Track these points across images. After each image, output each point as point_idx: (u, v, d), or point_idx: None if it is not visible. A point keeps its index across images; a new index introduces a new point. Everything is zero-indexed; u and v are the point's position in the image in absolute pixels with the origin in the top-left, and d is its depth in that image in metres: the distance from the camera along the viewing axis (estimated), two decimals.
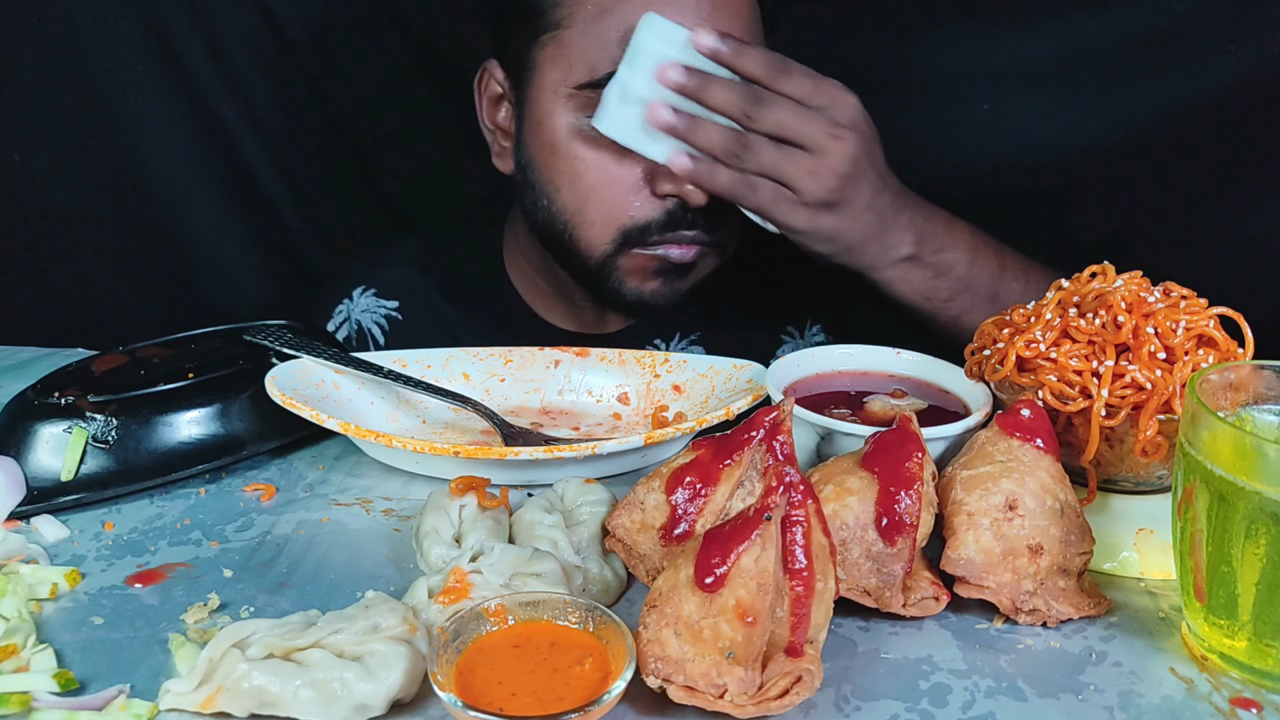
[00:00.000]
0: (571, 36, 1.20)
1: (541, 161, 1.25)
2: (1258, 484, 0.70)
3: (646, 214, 1.21)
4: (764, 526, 0.69)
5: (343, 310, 1.43)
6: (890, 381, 1.02)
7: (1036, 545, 0.80)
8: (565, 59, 1.21)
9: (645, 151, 1.15)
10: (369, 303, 1.43)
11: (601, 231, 1.23)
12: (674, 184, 1.18)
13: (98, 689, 0.74)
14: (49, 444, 0.98)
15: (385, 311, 1.43)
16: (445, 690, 0.67)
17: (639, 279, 1.25)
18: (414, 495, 1.00)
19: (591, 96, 1.18)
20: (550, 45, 1.22)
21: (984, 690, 0.74)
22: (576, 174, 1.22)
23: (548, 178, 1.25)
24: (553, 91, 1.22)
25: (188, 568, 0.89)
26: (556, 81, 1.22)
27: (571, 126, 1.22)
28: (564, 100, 1.22)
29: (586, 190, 1.22)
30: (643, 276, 1.25)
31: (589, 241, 1.24)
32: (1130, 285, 0.88)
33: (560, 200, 1.24)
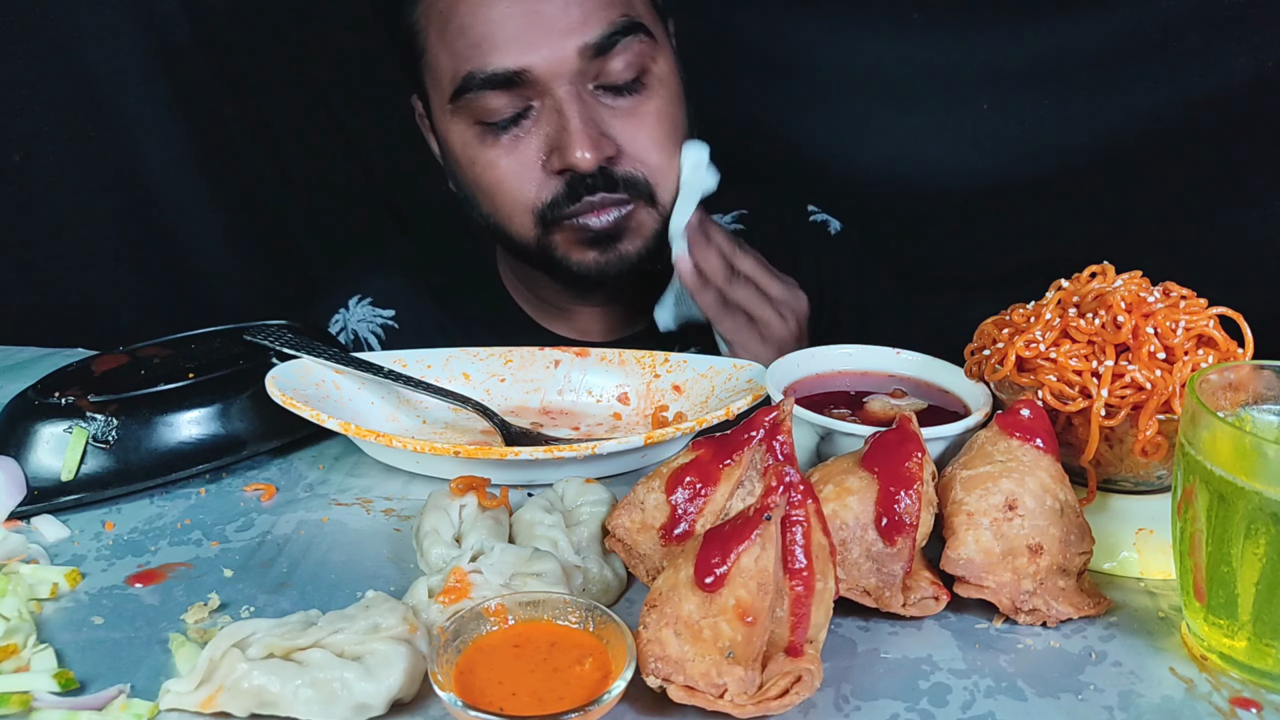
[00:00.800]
0: (432, 57, 1.25)
1: (457, 176, 1.31)
2: (1257, 484, 0.70)
3: (550, 192, 1.24)
4: (764, 526, 0.69)
5: (339, 319, 1.44)
6: (890, 381, 1.02)
7: (1036, 545, 0.80)
8: (435, 78, 1.26)
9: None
10: (365, 312, 1.43)
11: (521, 220, 1.26)
12: (560, 159, 1.21)
13: (98, 689, 0.74)
14: (49, 444, 0.98)
15: (382, 320, 1.43)
16: (445, 690, 0.67)
17: (578, 252, 1.28)
18: (414, 495, 1.00)
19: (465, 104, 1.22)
20: (425, 72, 1.27)
21: (984, 690, 0.74)
22: (478, 177, 1.27)
23: (466, 187, 1.30)
24: (440, 111, 1.27)
25: (188, 567, 0.89)
26: (439, 101, 1.26)
27: (463, 137, 1.26)
28: (450, 116, 1.25)
29: (491, 189, 1.26)
30: (580, 250, 1.28)
31: (516, 232, 1.28)
32: (1130, 285, 0.88)
33: (481, 204, 1.29)
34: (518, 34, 1.17)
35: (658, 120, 1.25)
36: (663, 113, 1.26)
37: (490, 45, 1.18)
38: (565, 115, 1.19)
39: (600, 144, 1.20)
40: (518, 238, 1.28)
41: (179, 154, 1.68)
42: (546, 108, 1.21)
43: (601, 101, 1.23)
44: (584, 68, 1.20)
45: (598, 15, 1.19)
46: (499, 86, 1.19)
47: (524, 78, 1.19)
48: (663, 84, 1.27)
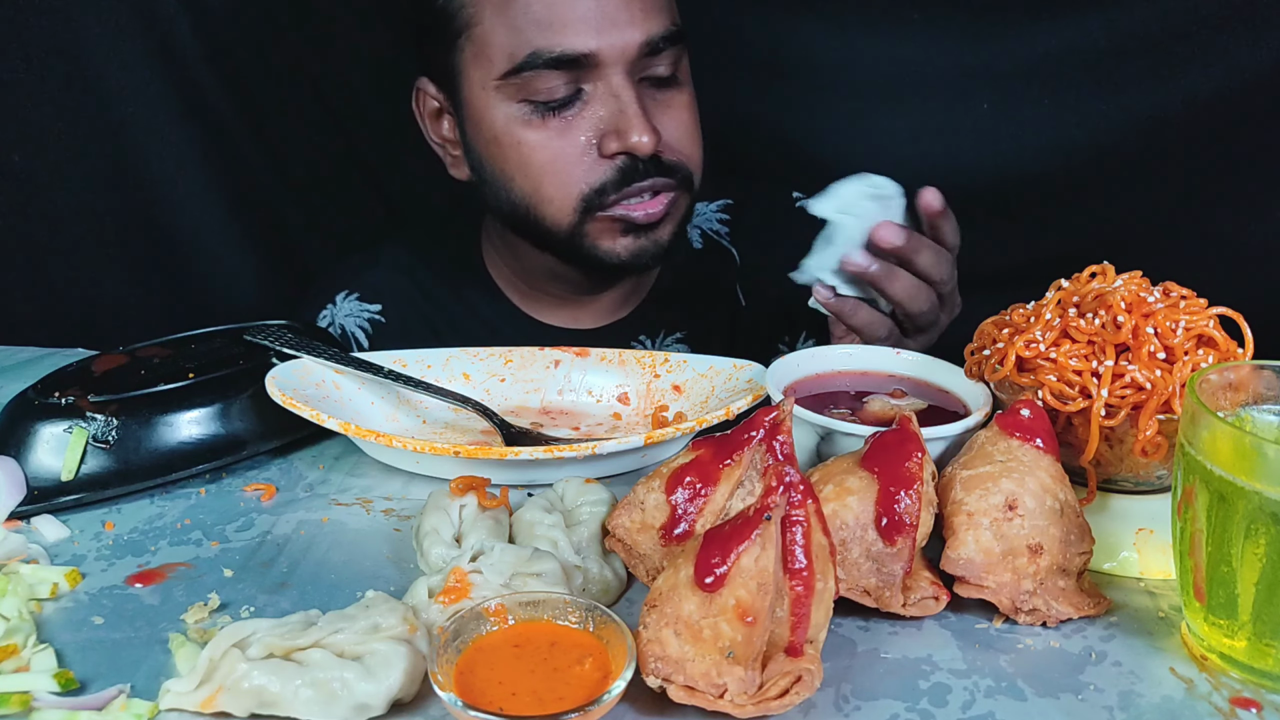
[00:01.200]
0: (484, 33, 1.23)
1: (490, 156, 1.29)
2: (1257, 484, 0.70)
3: (600, 176, 1.24)
4: (764, 526, 0.69)
5: (326, 315, 1.44)
6: (890, 381, 1.02)
7: (1036, 545, 0.80)
8: (484, 55, 1.24)
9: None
10: (352, 307, 1.43)
11: (562, 204, 1.26)
12: (619, 141, 1.22)
13: (98, 689, 0.74)
14: (49, 444, 0.98)
15: (369, 315, 1.43)
16: (445, 690, 0.67)
17: (609, 240, 1.28)
18: (414, 495, 1.00)
19: (518, 82, 1.22)
20: (468, 47, 1.26)
21: (984, 690, 0.74)
22: (524, 158, 1.26)
23: (499, 169, 1.29)
24: (481, 88, 1.26)
25: (188, 567, 0.89)
26: (483, 78, 1.25)
27: (508, 116, 1.25)
28: (494, 94, 1.25)
29: (538, 171, 1.26)
30: (613, 238, 1.28)
31: (553, 218, 1.27)
32: (1130, 285, 0.88)
33: (516, 187, 1.28)
34: (586, 18, 1.19)
35: (690, 114, 1.30)
36: (691, 108, 1.30)
37: (560, 25, 1.19)
38: (623, 100, 1.22)
39: (654, 130, 1.23)
40: (551, 222, 1.28)
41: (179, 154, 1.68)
42: (599, 93, 1.23)
43: (646, 92, 1.25)
44: (638, 61, 1.23)
45: (656, 15, 1.23)
46: (561, 67, 1.20)
47: (588, 61, 1.20)
48: (688, 83, 1.31)
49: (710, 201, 1.52)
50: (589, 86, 1.23)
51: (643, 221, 1.27)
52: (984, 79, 1.55)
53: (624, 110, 1.22)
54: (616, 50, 1.20)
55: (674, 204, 1.29)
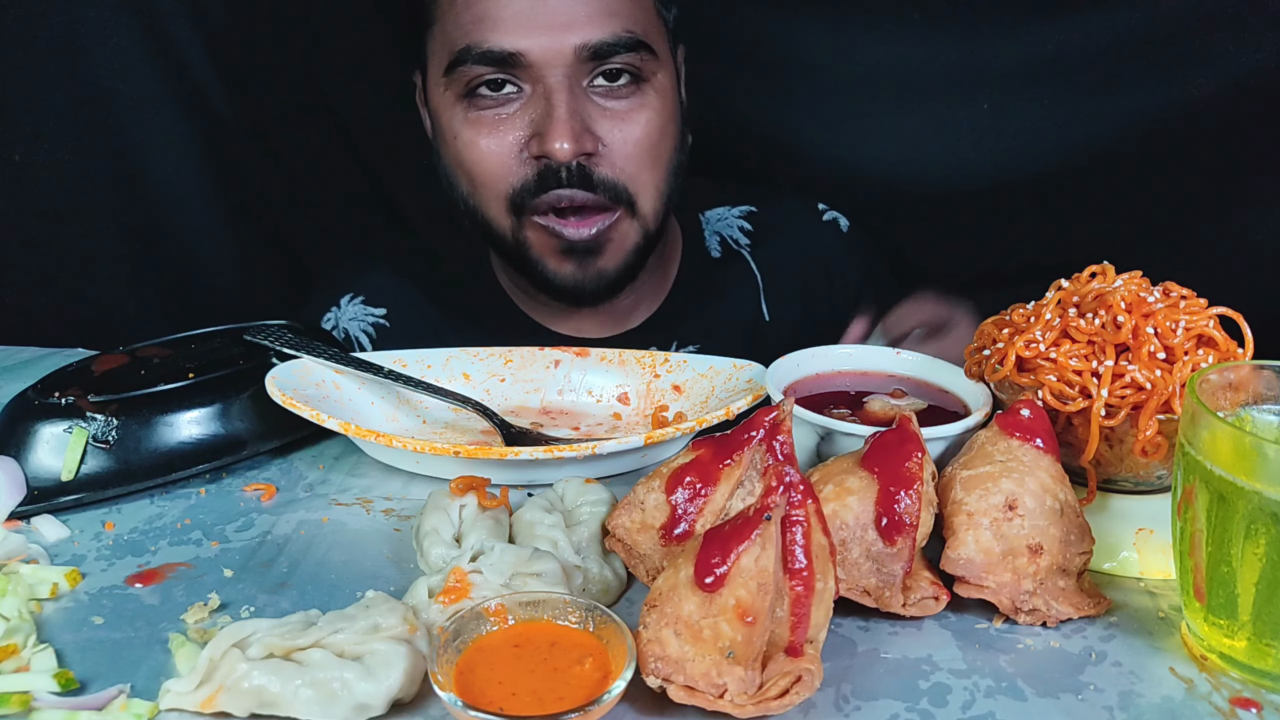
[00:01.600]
0: (440, 29, 1.25)
1: (443, 153, 1.30)
2: (1257, 484, 0.70)
3: (520, 177, 1.24)
4: (764, 526, 0.69)
5: (330, 318, 1.44)
6: (890, 381, 1.02)
7: (1036, 545, 0.80)
8: (438, 50, 1.26)
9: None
10: (356, 310, 1.43)
11: (495, 205, 1.26)
12: (539, 145, 1.21)
13: (98, 689, 0.74)
14: (49, 444, 0.98)
15: (373, 319, 1.43)
16: (445, 690, 0.67)
17: (554, 261, 1.28)
18: (414, 495, 1.00)
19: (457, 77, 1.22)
20: (430, 41, 1.27)
21: (984, 690, 0.74)
22: (459, 154, 1.27)
23: (447, 166, 1.30)
24: (435, 84, 1.27)
25: (188, 567, 0.89)
26: (435, 73, 1.26)
27: (455, 114, 1.26)
28: (442, 88, 1.26)
29: (471, 167, 1.26)
30: (556, 258, 1.28)
31: (492, 218, 1.28)
32: (1130, 285, 0.88)
33: (461, 185, 1.29)
34: (519, 17, 1.19)
35: (645, 130, 1.25)
36: (652, 124, 1.26)
37: (491, 23, 1.19)
38: (552, 103, 1.20)
39: (581, 137, 1.21)
40: (495, 224, 1.28)
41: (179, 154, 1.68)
42: (536, 94, 1.22)
43: (593, 99, 1.23)
44: (579, 65, 1.21)
45: (602, 21, 1.20)
46: (490, 63, 1.20)
47: (518, 59, 1.20)
48: (660, 97, 1.27)
49: (733, 206, 1.51)
50: (528, 87, 1.22)
51: (573, 240, 1.25)
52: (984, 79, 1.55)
53: (550, 113, 1.20)
54: (550, 52, 1.19)
55: (614, 229, 1.26)
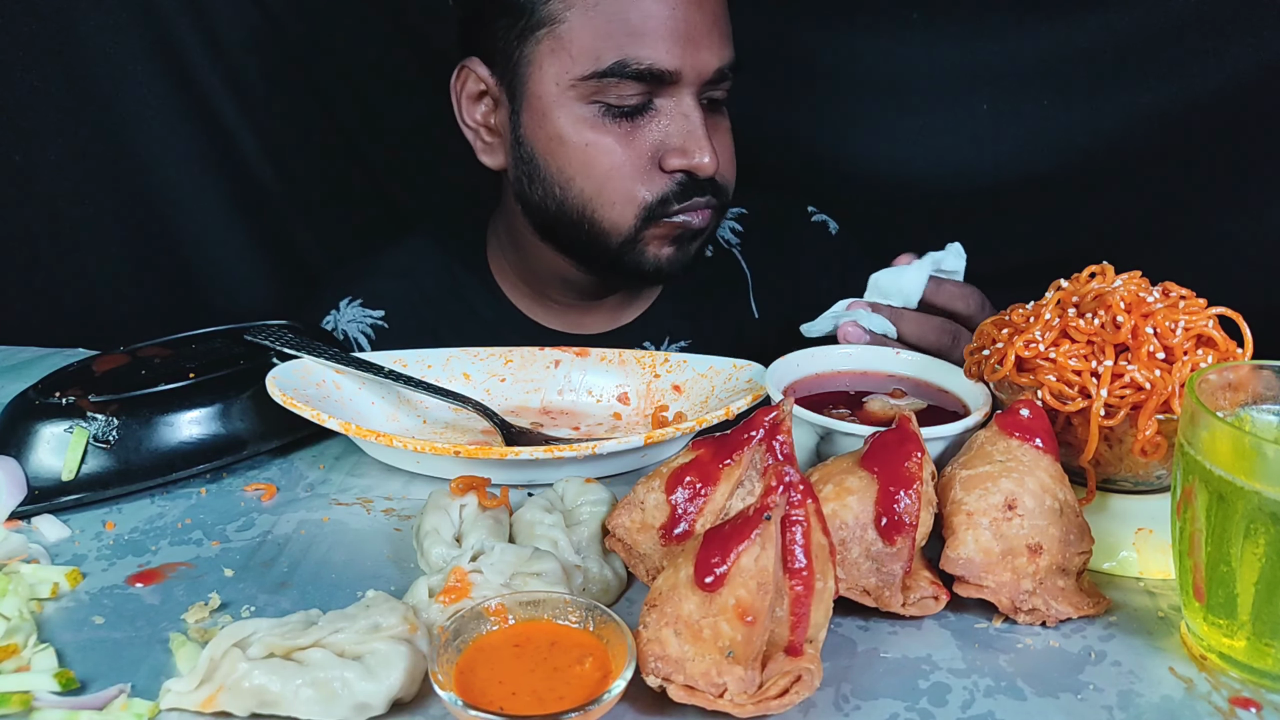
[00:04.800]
0: (569, 30, 1.23)
1: (550, 153, 1.28)
2: (1257, 484, 0.70)
3: (662, 189, 1.26)
4: (764, 526, 0.69)
5: (329, 321, 1.44)
6: (890, 381, 1.02)
7: (1035, 545, 0.80)
8: (565, 52, 1.23)
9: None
10: (355, 313, 1.43)
11: (624, 210, 1.27)
12: (682, 159, 1.24)
13: (98, 688, 0.74)
14: (50, 444, 0.98)
15: (371, 321, 1.43)
16: (446, 689, 0.67)
17: (658, 246, 1.30)
18: (414, 495, 1.00)
19: (596, 85, 1.22)
20: (547, 40, 1.24)
21: (983, 689, 0.75)
22: (589, 161, 1.26)
23: (558, 168, 1.28)
24: (554, 85, 1.25)
25: (189, 567, 0.89)
26: (558, 75, 1.24)
27: (578, 116, 1.25)
28: (566, 91, 1.24)
29: (602, 175, 1.26)
30: (661, 244, 1.30)
31: (612, 222, 1.28)
32: (1129, 285, 0.88)
33: (575, 188, 1.27)
34: (677, 35, 1.20)
35: (731, 140, 1.33)
36: (731, 134, 1.33)
37: (652, 38, 1.20)
38: (692, 121, 1.24)
39: (716, 152, 1.25)
40: (610, 227, 1.28)
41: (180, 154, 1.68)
42: (668, 108, 1.24)
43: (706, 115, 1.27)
44: (708, 84, 1.25)
45: (728, 44, 1.27)
46: (644, 79, 1.21)
47: (671, 76, 1.22)
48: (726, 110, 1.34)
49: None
50: (660, 101, 1.24)
51: (697, 227, 1.29)
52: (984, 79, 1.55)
53: (692, 131, 1.23)
54: (695, 72, 1.22)
55: (711, 221, 1.31)
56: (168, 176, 1.69)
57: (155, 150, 1.67)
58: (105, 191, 1.68)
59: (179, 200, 1.70)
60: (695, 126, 1.23)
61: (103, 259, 1.71)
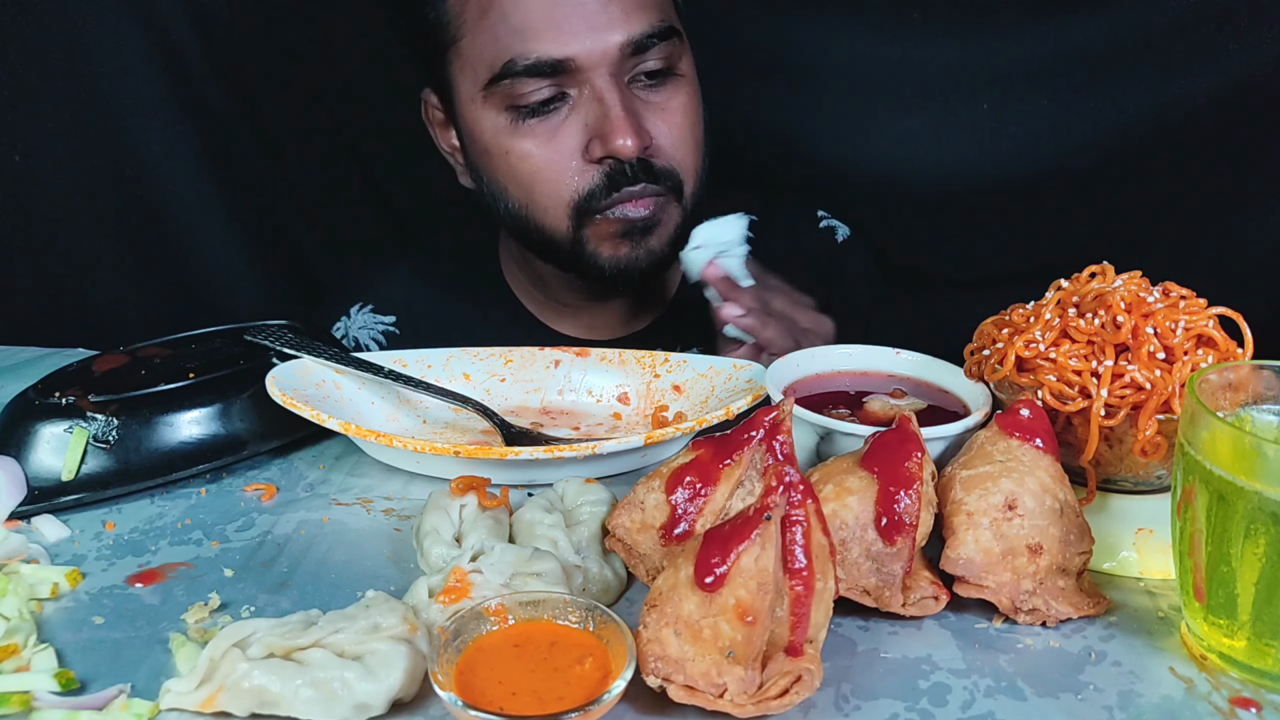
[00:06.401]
0: (468, 45, 1.24)
1: (485, 166, 1.30)
2: (1257, 484, 0.70)
3: (588, 182, 1.24)
4: (764, 526, 0.69)
5: (340, 327, 1.44)
6: (890, 381, 1.02)
7: (1036, 545, 0.80)
8: (470, 66, 1.25)
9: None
10: (366, 319, 1.43)
11: (555, 212, 1.26)
12: (603, 146, 1.22)
13: (98, 689, 0.74)
14: (50, 444, 0.98)
15: (383, 327, 1.43)
16: (445, 690, 0.67)
17: (610, 246, 1.28)
18: (414, 495, 1.00)
19: (499, 90, 1.22)
20: (455, 59, 1.26)
21: (983, 690, 0.75)
22: (512, 167, 1.26)
23: (494, 179, 1.29)
24: (470, 100, 1.26)
25: (188, 567, 0.89)
26: (470, 90, 1.26)
27: (496, 126, 1.25)
28: (480, 104, 1.25)
29: (527, 179, 1.26)
30: (612, 243, 1.28)
31: (551, 226, 1.27)
32: (1129, 285, 0.88)
33: (511, 196, 1.28)
34: (561, 23, 1.19)
35: (684, 116, 1.28)
36: (688, 109, 1.29)
37: (534, 33, 1.19)
38: (606, 104, 1.21)
39: (640, 132, 1.22)
40: (551, 231, 1.28)
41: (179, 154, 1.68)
42: (584, 97, 1.22)
43: (635, 94, 1.24)
44: (622, 62, 1.22)
45: (639, 14, 1.22)
46: (539, 74, 1.20)
47: (566, 66, 1.20)
48: (689, 82, 1.29)
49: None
50: (574, 91, 1.22)
51: (635, 220, 1.26)
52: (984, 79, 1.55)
53: (607, 114, 1.21)
54: (596, 54, 1.20)
55: (662, 209, 1.28)
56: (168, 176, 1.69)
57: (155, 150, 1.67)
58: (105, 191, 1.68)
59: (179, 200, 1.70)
60: (610, 107, 1.20)
61: (103, 259, 1.71)
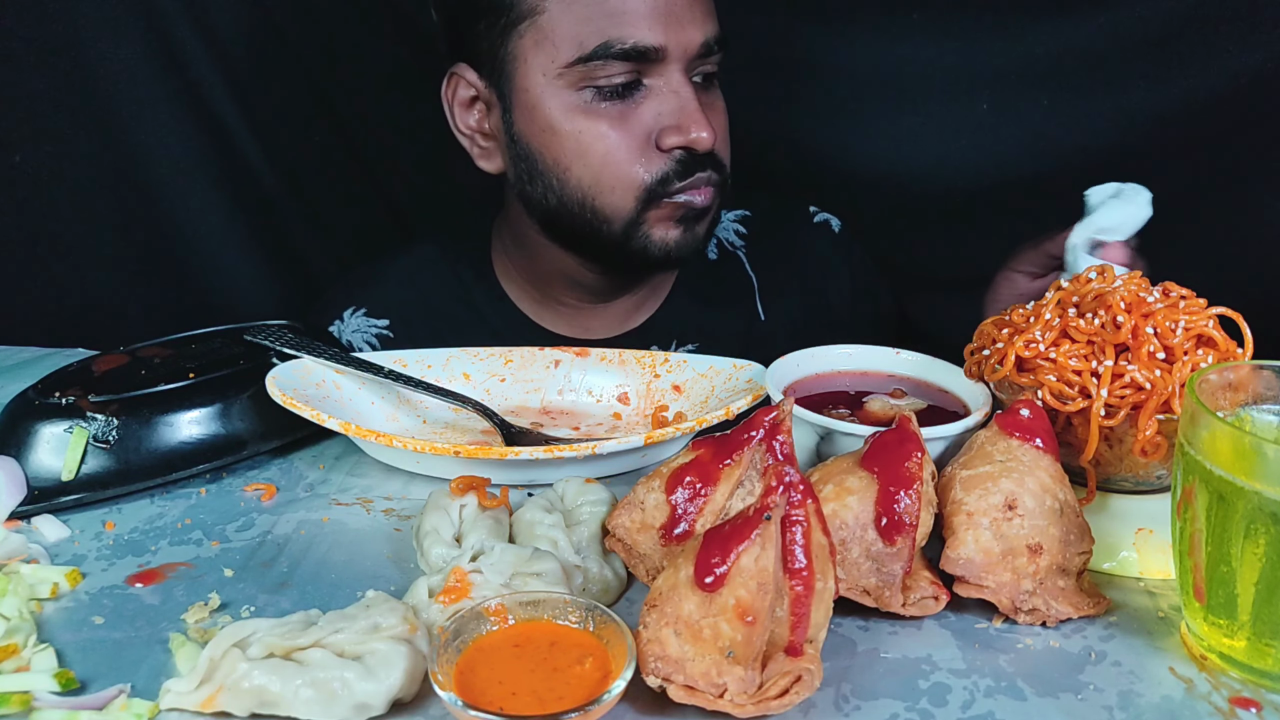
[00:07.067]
0: (550, 20, 1.23)
1: (544, 145, 1.28)
2: (1257, 484, 0.70)
3: (661, 168, 1.25)
4: (764, 526, 0.69)
5: (334, 330, 1.43)
6: (890, 381, 1.02)
7: (1036, 545, 0.80)
8: (549, 42, 1.24)
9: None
10: (359, 323, 1.43)
11: (624, 195, 1.26)
12: (678, 135, 1.23)
13: (98, 689, 0.74)
14: (50, 444, 0.98)
15: (376, 330, 1.43)
16: (445, 690, 0.67)
17: (663, 229, 1.29)
18: (414, 495, 1.00)
19: (583, 70, 1.22)
20: (530, 33, 1.25)
21: (983, 690, 0.75)
22: (584, 147, 1.25)
23: (554, 159, 1.27)
24: (542, 76, 1.25)
25: (188, 567, 0.89)
26: (544, 65, 1.24)
27: (568, 104, 1.25)
28: (554, 81, 1.24)
29: (599, 160, 1.25)
30: (666, 227, 1.29)
31: (613, 207, 1.27)
32: (1129, 285, 0.88)
33: (573, 177, 1.27)
34: (657, 12, 1.20)
35: (726, 118, 1.32)
36: (726, 112, 1.32)
37: (633, 18, 1.20)
38: (683, 96, 1.23)
39: (712, 127, 1.24)
40: (612, 211, 1.27)
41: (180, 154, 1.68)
42: (658, 87, 1.24)
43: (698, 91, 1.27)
44: (696, 59, 1.24)
45: (712, 18, 1.26)
46: (630, 59, 1.21)
47: (657, 54, 1.21)
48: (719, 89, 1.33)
49: (729, 210, 1.52)
50: (649, 80, 1.24)
51: (700, 207, 1.28)
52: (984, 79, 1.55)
53: (684, 106, 1.23)
54: (681, 47, 1.22)
55: (714, 199, 1.30)
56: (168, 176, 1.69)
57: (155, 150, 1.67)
58: (105, 191, 1.68)
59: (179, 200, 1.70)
60: (688, 102, 1.23)
61: (103, 259, 1.71)
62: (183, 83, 1.64)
